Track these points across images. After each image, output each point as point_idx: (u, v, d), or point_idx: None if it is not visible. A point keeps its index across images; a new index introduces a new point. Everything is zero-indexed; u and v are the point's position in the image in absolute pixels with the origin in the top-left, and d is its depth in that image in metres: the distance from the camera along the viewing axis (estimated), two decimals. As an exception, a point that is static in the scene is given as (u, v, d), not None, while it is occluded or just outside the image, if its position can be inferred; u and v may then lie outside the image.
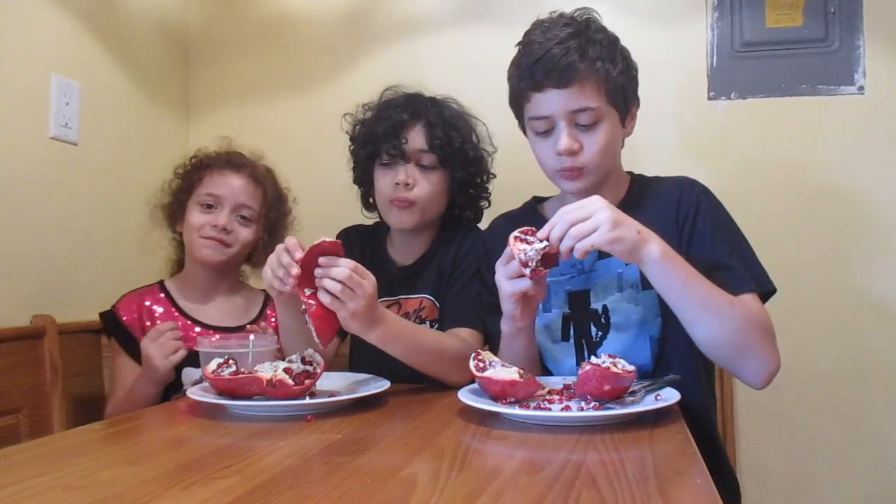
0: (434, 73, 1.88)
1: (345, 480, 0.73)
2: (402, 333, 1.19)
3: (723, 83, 1.81)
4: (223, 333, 1.45)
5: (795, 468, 1.75)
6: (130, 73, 1.84)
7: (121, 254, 1.70)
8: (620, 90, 1.21)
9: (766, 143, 1.79)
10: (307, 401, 1.08)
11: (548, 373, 1.28)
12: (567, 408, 0.99)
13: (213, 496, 0.68)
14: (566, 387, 1.11)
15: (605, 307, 1.24)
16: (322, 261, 1.06)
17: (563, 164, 1.21)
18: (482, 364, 1.06)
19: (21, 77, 1.50)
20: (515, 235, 1.08)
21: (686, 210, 1.23)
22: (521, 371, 1.04)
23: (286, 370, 1.08)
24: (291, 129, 2.02)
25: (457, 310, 1.38)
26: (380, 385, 1.17)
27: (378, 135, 1.42)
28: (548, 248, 1.05)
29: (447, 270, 1.43)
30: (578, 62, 1.16)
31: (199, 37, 2.11)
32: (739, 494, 1.28)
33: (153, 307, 1.50)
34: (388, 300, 1.43)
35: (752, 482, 1.74)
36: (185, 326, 1.48)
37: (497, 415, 1.00)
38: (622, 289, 1.23)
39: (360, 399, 1.11)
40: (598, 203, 1.04)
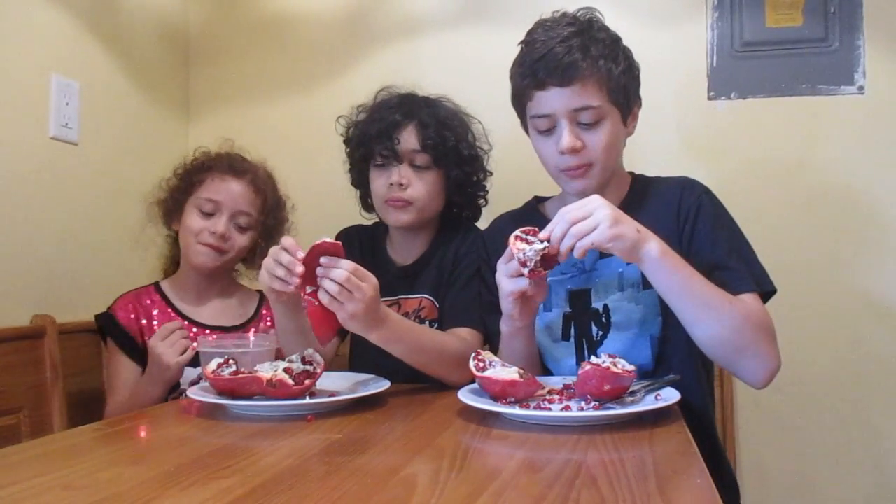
0: (434, 73, 1.89)
1: (345, 480, 0.73)
2: (404, 334, 1.19)
3: (723, 83, 1.81)
4: (221, 333, 1.46)
5: (795, 468, 1.74)
6: (130, 73, 1.84)
7: (121, 254, 1.70)
8: (622, 89, 1.22)
9: (766, 143, 1.79)
10: (307, 401, 1.08)
11: (548, 372, 1.28)
12: (567, 408, 0.99)
13: (213, 496, 0.68)
14: (566, 387, 1.11)
15: (606, 306, 1.24)
16: (324, 261, 1.06)
17: (567, 163, 1.22)
18: (482, 364, 1.06)
19: (21, 77, 1.50)
20: (516, 235, 1.08)
21: (687, 210, 1.23)
22: (521, 371, 1.04)
23: (286, 370, 1.08)
24: (291, 129, 2.02)
25: (457, 310, 1.38)
26: (380, 385, 1.17)
27: (371, 136, 1.42)
28: (547, 250, 1.05)
29: (447, 270, 1.43)
30: (581, 61, 1.16)
31: (199, 37, 2.11)
32: (739, 494, 1.28)
33: (150, 308, 1.50)
34: (388, 300, 1.43)
35: (752, 482, 1.74)
36: (183, 327, 1.48)
37: (497, 415, 1.00)
38: (623, 288, 1.23)
39: (360, 399, 1.11)
40: (598, 202, 1.05)
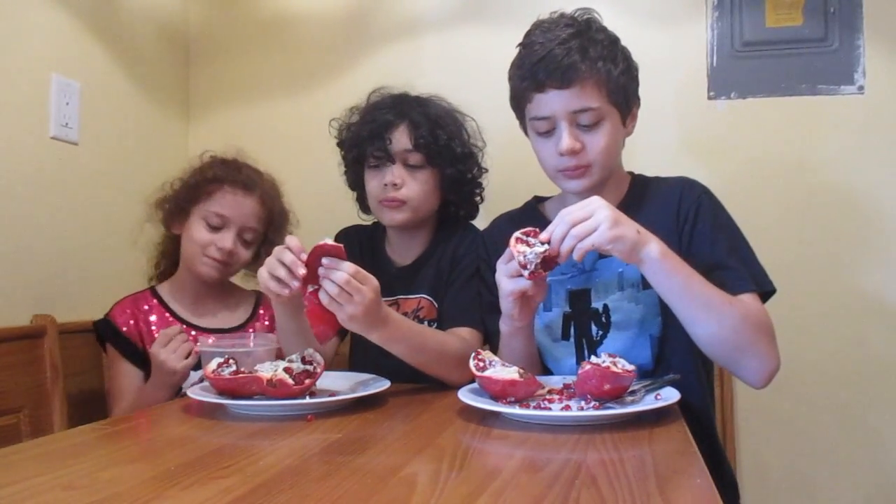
0: (434, 73, 1.89)
1: (345, 480, 0.73)
2: (404, 334, 1.19)
3: (723, 83, 1.81)
4: (219, 335, 1.46)
5: (795, 468, 1.75)
6: (130, 73, 1.84)
7: (121, 254, 1.70)
8: (622, 90, 1.22)
9: (766, 143, 1.79)
10: (307, 400, 1.08)
11: (548, 372, 1.28)
12: (567, 407, 0.99)
13: (213, 496, 0.68)
14: (566, 386, 1.11)
15: (606, 306, 1.24)
16: (325, 261, 1.06)
17: (565, 164, 1.22)
18: (482, 364, 1.06)
19: (21, 77, 1.50)
20: (517, 236, 1.08)
21: (686, 210, 1.23)
22: (521, 370, 1.04)
23: (286, 370, 1.08)
24: (291, 129, 2.02)
25: (456, 309, 1.38)
26: (380, 385, 1.17)
27: (364, 138, 1.42)
28: (548, 252, 1.05)
29: (445, 270, 1.43)
30: (580, 62, 1.16)
31: (199, 37, 2.11)
32: (739, 494, 1.28)
33: (148, 313, 1.50)
34: (387, 300, 1.42)
35: (752, 482, 1.74)
36: (183, 330, 1.47)
37: (497, 414, 1.00)
38: (623, 288, 1.23)
39: (360, 399, 1.11)
40: (598, 202, 1.05)
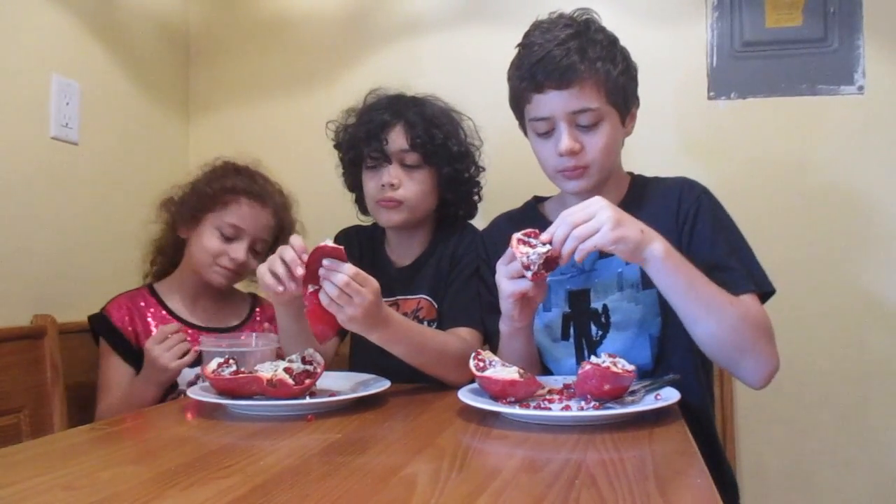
0: (434, 73, 1.90)
1: (345, 480, 0.73)
2: (405, 334, 1.19)
3: (723, 83, 1.81)
4: (217, 335, 1.46)
5: (795, 468, 1.75)
6: (130, 73, 1.84)
7: (121, 254, 1.70)
8: (621, 90, 1.21)
9: (766, 143, 1.79)
10: (307, 400, 1.08)
11: (548, 372, 1.28)
12: (567, 407, 0.99)
13: (213, 496, 0.68)
14: (566, 386, 1.11)
15: (606, 306, 1.24)
16: (326, 262, 1.06)
17: (565, 165, 1.22)
18: (482, 364, 1.06)
19: (21, 77, 1.50)
20: (518, 238, 1.07)
21: (686, 210, 1.23)
22: (521, 370, 1.04)
23: (286, 370, 1.08)
24: (291, 129, 2.02)
25: (456, 310, 1.38)
26: (380, 385, 1.17)
27: (360, 139, 1.42)
28: (550, 252, 1.04)
29: (444, 270, 1.43)
30: (579, 63, 1.16)
31: (199, 37, 2.11)
32: (739, 494, 1.28)
33: (144, 309, 1.50)
34: (387, 301, 1.42)
35: (752, 482, 1.74)
36: (181, 329, 1.47)
37: (497, 414, 1.00)
38: (622, 288, 1.23)
39: (360, 399, 1.11)
40: (600, 203, 1.04)
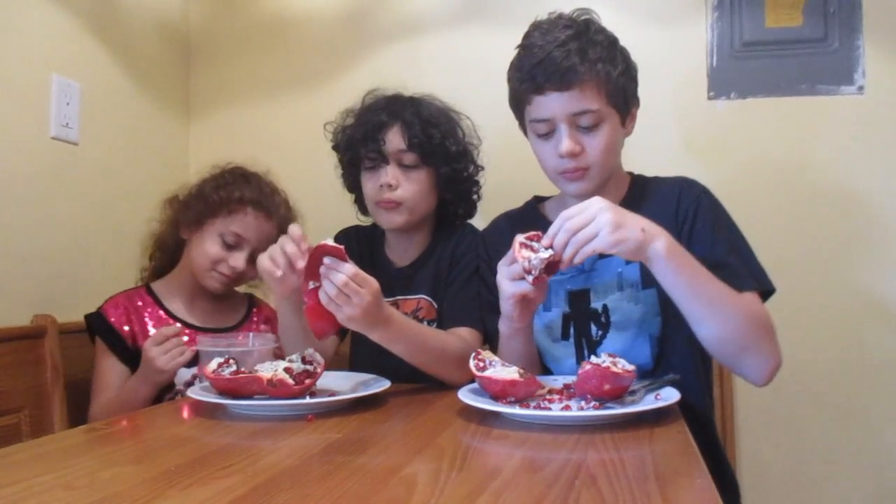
0: (434, 73, 1.90)
1: (345, 480, 0.73)
2: (406, 334, 1.19)
3: (723, 83, 1.81)
4: (215, 335, 1.46)
5: (795, 468, 1.75)
6: (130, 73, 1.84)
7: (121, 254, 1.70)
8: (621, 91, 1.21)
9: (766, 143, 1.79)
10: (307, 400, 1.08)
11: (548, 372, 1.28)
12: (567, 407, 0.99)
13: (213, 496, 0.68)
14: (566, 386, 1.11)
15: (606, 306, 1.24)
16: (327, 261, 1.06)
17: (565, 166, 1.21)
18: (482, 364, 1.06)
19: (21, 77, 1.50)
20: (521, 242, 1.07)
21: (685, 210, 1.23)
22: (521, 370, 1.03)
23: (286, 370, 1.08)
24: (291, 129, 2.02)
25: (456, 309, 1.38)
26: (380, 385, 1.17)
27: (358, 140, 1.42)
28: (552, 258, 1.04)
29: (444, 270, 1.43)
30: (579, 65, 1.16)
31: (199, 37, 2.11)
32: (739, 494, 1.28)
33: (142, 309, 1.50)
34: (387, 301, 1.43)
35: (752, 482, 1.74)
36: (181, 332, 1.47)
37: (497, 414, 1.00)
38: (622, 288, 1.23)
39: (360, 399, 1.11)
40: (598, 205, 1.03)
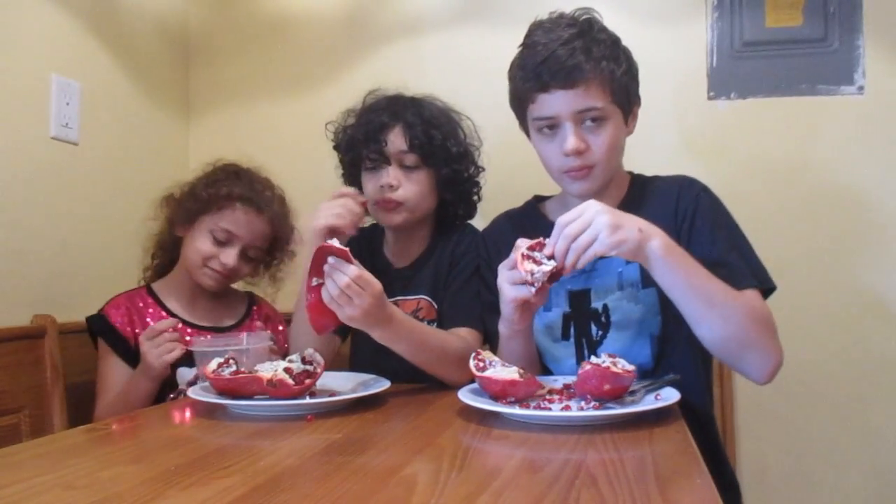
0: (434, 73, 1.90)
1: (345, 480, 0.73)
2: (408, 333, 1.19)
3: (723, 83, 1.81)
4: (215, 334, 1.46)
5: (795, 468, 1.74)
6: (130, 73, 1.84)
7: (121, 254, 1.70)
8: (624, 89, 1.22)
9: (766, 143, 1.79)
10: (307, 400, 1.08)
11: (548, 372, 1.28)
12: (567, 407, 0.99)
13: (213, 496, 0.68)
14: (566, 386, 1.11)
15: (606, 306, 1.24)
16: (331, 261, 1.06)
17: (570, 165, 1.21)
18: (482, 364, 1.06)
19: (21, 77, 1.50)
20: (524, 253, 1.05)
21: (685, 208, 1.23)
22: (521, 371, 1.03)
23: (286, 370, 1.08)
24: (291, 129, 2.02)
25: (456, 310, 1.38)
26: (380, 385, 1.17)
27: (359, 140, 1.43)
28: (554, 268, 1.03)
29: (444, 271, 1.43)
30: (584, 63, 1.16)
31: (199, 37, 2.11)
32: (739, 494, 1.28)
33: (143, 309, 1.50)
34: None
35: (752, 482, 1.74)
36: (176, 326, 1.47)
37: (497, 414, 1.00)
38: (622, 287, 1.23)
39: (360, 399, 1.11)
40: (595, 208, 1.03)
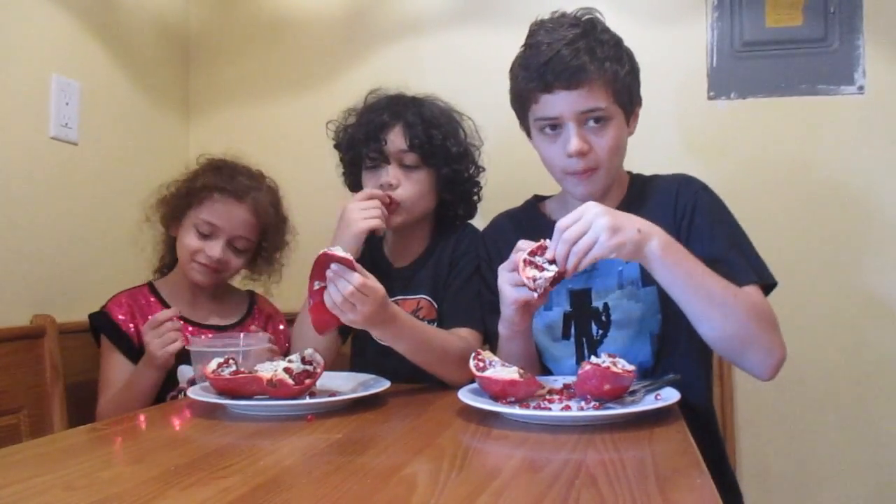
0: (434, 73, 1.90)
1: (345, 480, 0.73)
2: (409, 332, 1.19)
3: (723, 83, 1.81)
4: (216, 333, 1.46)
5: (795, 468, 1.74)
6: (130, 73, 1.84)
7: (121, 254, 1.70)
8: (627, 90, 1.22)
9: (766, 143, 1.79)
10: (307, 400, 1.08)
11: (548, 372, 1.28)
12: (567, 407, 0.99)
13: (213, 496, 0.68)
14: (566, 386, 1.11)
15: (606, 305, 1.24)
16: (335, 267, 1.06)
17: (574, 166, 1.21)
18: (482, 364, 1.06)
19: (21, 77, 1.50)
20: (526, 259, 1.05)
21: (684, 206, 1.23)
22: (521, 371, 1.03)
23: (286, 370, 1.08)
24: (291, 129, 2.02)
25: (456, 310, 1.38)
26: (380, 385, 1.17)
27: (359, 139, 1.43)
28: (556, 274, 1.02)
29: (444, 270, 1.44)
30: (588, 63, 1.16)
31: (199, 37, 2.11)
32: (740, 494, 1.28)
33: (145, 306, 1.50)
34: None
35: (752, 482, 1.74)
36: (176, 317, 1.46)
37: (497, 415, 1.00)
38: (622, 286, 1.23)
39: (360, 399, 1.11)
40: (593, 211, 1.02)
